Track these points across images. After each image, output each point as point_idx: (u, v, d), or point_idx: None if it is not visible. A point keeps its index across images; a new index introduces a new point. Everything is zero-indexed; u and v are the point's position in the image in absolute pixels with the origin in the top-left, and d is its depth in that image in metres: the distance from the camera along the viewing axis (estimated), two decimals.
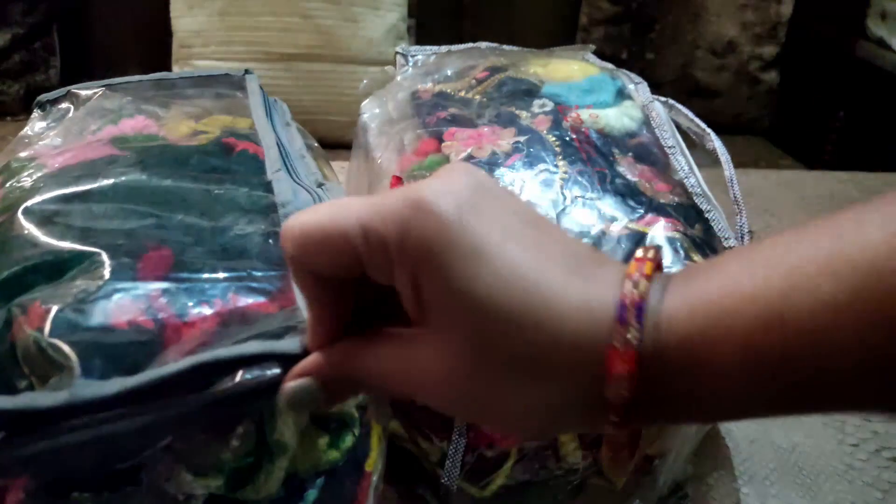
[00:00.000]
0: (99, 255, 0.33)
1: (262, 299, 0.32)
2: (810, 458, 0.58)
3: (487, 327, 0.21)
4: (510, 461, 0.46)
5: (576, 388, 0.21)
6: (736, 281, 0.20)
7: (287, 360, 0.27)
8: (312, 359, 0.25)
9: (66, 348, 0.28)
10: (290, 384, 0.25)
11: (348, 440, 0.35)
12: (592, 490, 0.49)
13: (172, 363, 0.27)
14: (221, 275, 0.33)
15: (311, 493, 0.33)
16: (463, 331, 0.21)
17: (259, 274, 0.33)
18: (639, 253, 0.22)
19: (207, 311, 0.31)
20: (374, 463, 0.38)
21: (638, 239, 0.45)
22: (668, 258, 0.45)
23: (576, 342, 0.21)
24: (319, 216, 0.23)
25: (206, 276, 0.33)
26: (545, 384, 0.21)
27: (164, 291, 0.31)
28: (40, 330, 0.29)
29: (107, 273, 0.32)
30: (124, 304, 0.30)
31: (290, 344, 0.27)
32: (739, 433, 0.60)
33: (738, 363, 0.19)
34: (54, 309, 0.30)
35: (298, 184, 0.40)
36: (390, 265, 0.22)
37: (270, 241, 0.35)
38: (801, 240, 0.20)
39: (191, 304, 0.31)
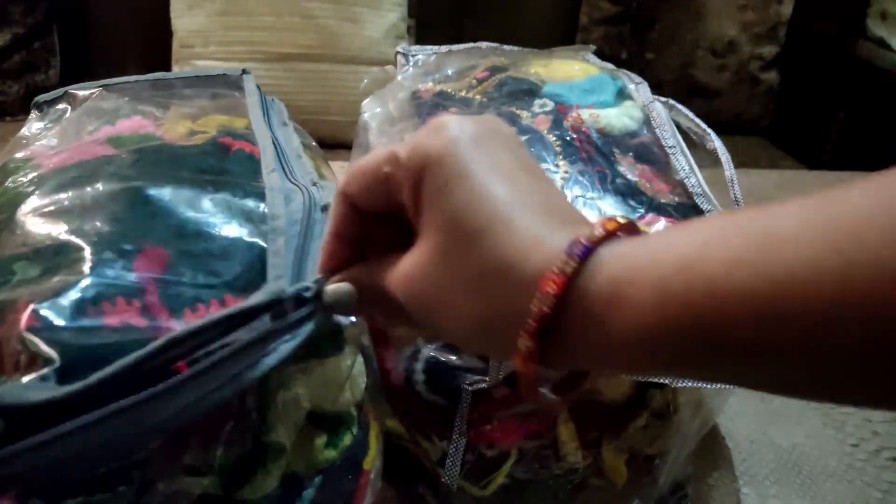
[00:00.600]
0: (91, 255, 0.33)
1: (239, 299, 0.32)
2: (810, 458, 0.58)
3: (454, 237, 0.24)
4: (510, 461, 0.46)
5: (511, 305, 0.23)
6: (669, 235, 0.22)
7: (254, 314, 0.28)
8: (349, 270, 0.29)
9: (42, 345, 0.28)
10: (332, 286, 0.29)
11: (346, 439, 0.35)
12: (592, 490, 0.49)
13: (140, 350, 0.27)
14: (204, 280, 0.33)
15: (309, 493, 0.33)
16: (437, 237, 0.25)
17: (238, 285, 0.33)
18: (616, 216, 0.24)
19: (195, 311, 0.31)
20: (372, 461, 0.38)
21: None
22: None
23: (526, 264, 0.23)
24: (368, 157, 0.27)
25: (191, 279, 0.32)
26: (492, 289, 0.24)
27: (152, 292, 0.31)
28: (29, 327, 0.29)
29: (96, 272, 0.32)
30: (112, 302, 0.30)
31: (254, 299, 0.28)
32: (739, 433, 0.60)
33: (649, 304, 0.21)
34: (33, 305, 0.29)
35: (294, 183, 0.40)
36: (402, 179, 0.26)
37: (255, 251, 0.35)
38: (737, 211, 0.21)
39: (180, 304, 0.31)
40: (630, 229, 0.24)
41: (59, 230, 0.34)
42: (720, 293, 0.19)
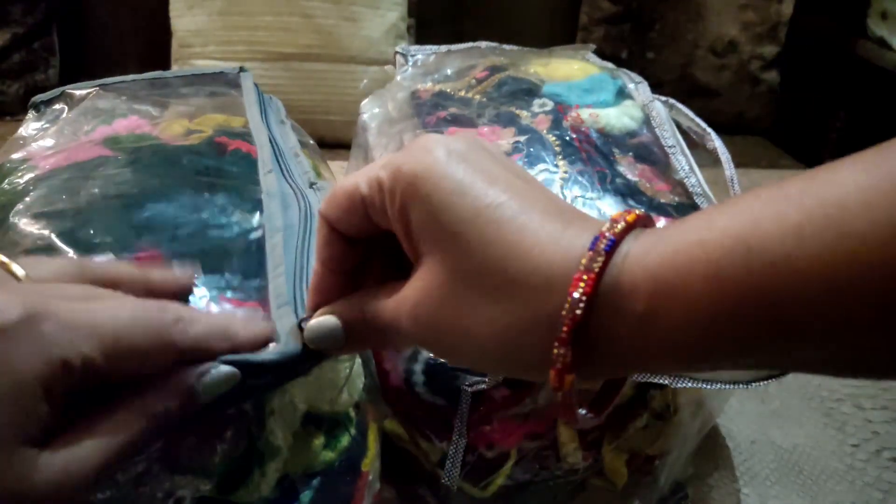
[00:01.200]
0: (85, 255, 0.32)
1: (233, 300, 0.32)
2: (811, 459, 0.58)
3: (463, 253, 0.23)
4: (510, 462, 0.46)
5: (538, 310, 0.22)
6: (708, 218, 0.20)
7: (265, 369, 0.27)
8: (335, 304, 0.27)
9: None
10: (315, 320, 0.27)
11: (344, 440, 0.35)
12: (592, 490, 0.49)
13: None
14: (200, 281, 0.32)
15: (306, 495, 0.33)
16: (442, 256, 0.23)
17: (237, 283, 0.33)
18: (630, 209, 0.22)
19: None
20: (370, 463, 0.38)
21: None
22: None
23: (544, 270, 0.22)
24: (347, 179, 0.26)
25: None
26: (515, 301, 0.22)
27: None
28: None
29: None
30: None
31: (265, 355, 0.27)
32: (740, 433, 0.60)
33: (704, 293, 0.19)
34: None
35: (290, 185, 0.39)
36: (384, 203, 0.24)
37: (253, 248, 0.35)
38: (780, 184, 0.20)
39: None
40: (647, 221, 0.22)
41: (51, 233, 0.34)
42: (787, 270, 0.18)
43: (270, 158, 0.41)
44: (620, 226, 0.21)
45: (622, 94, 0.57)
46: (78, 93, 0.49)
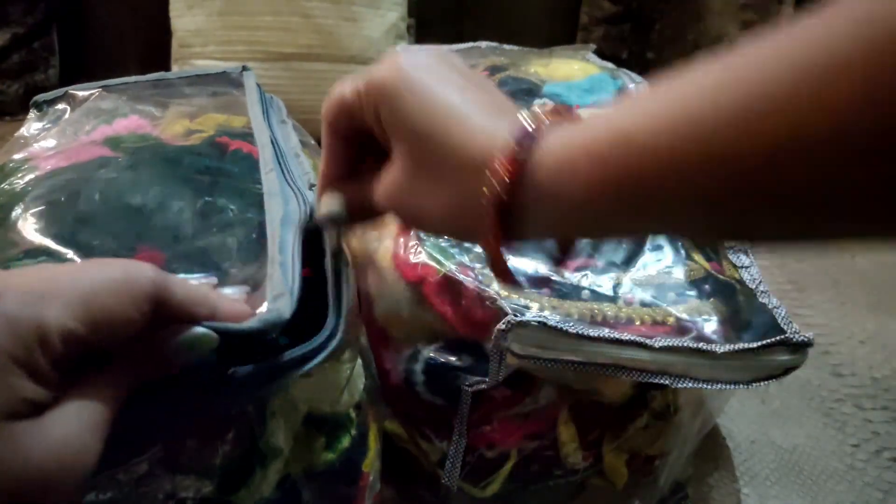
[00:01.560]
0: (86, 256, 0.32)
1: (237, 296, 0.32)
2: (811, 459, 0.58)
3: (420, 144, 0.28)
4: (510, 461, 0.46)
5: (472, 189, 0.26)
6: (604, 115, 0.25)
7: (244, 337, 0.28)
8: (337, 185, 0.33)
9: None
10: (324, 198, 0.33)
11: (344, 441, 0.35)
12: (592, 490, 0.49)
13: None
14: (201, 277, 0.32)
15: (307, 495, 0.33)
16: (405, 147, 0.28)
17: (236, 272, 0.33)
18: (552, 103, 0.25)
19: None
20: (371, 463, 0.38)
21: (638, 239, 0.45)
22: (668, 258, 0.45)
23: (480, 155, 0.26)
24: (336, 87, 0.31)
25: (186, 277, 0.32)
26: (456, 183, 0.27)
27: None
28: None
29: None
30: None
31: (248, 323, 0.28)
32: (740, 433, 0.60)
33: (595, 176, 0.24)
34: None
35: (290, 186, 0.39)
36: (362, 107, 0.29)
37: (254, 235, 0.35)
38: (661, 83, 0.23)
39: None
40: (565, 114, 0.26)
41: (51, 234, 0.33)
42: (651, 157, 0.22)
43: (272, 159, 0.41)
44: (540, 118, 0.26)
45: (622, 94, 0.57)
46: (81, 94, 0.49)
